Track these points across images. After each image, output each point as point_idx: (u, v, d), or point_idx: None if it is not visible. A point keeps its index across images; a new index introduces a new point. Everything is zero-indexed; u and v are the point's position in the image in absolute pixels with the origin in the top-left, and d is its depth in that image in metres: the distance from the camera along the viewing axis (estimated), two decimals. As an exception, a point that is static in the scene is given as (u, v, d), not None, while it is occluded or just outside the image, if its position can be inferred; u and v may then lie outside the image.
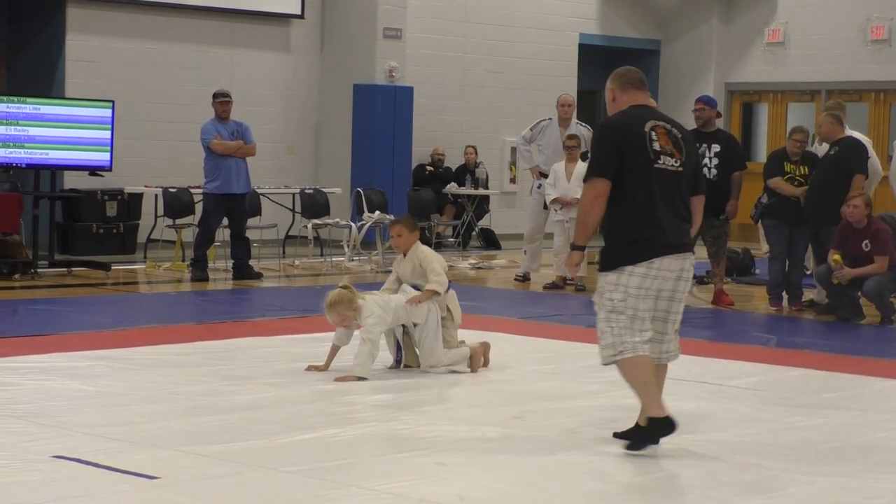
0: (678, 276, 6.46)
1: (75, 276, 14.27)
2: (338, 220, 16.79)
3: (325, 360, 8.67)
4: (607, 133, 6.51)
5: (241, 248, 14.66)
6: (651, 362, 6.42)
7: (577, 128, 14.79)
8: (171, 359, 9.04)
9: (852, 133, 12.99)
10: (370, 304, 8.54)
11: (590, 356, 9.68)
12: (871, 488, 6.03)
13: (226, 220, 14.64)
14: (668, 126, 6.56)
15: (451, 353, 8.86)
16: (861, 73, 21.18)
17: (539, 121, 15.07)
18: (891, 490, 6.00)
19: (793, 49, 21.93)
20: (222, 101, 14.58)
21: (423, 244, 9.04)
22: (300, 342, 9.75)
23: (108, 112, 14.70)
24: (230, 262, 14.79)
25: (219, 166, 14.33)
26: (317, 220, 16.48)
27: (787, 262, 12.81)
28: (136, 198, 16.90)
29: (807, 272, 13.25)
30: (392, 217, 16.41)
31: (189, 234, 15.47)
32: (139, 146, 17.13)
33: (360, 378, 8.38)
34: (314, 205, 16.83)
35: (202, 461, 6.14)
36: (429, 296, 8.77)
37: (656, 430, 6.40)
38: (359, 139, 18.75)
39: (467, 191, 19.62)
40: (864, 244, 11.88)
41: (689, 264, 6.51)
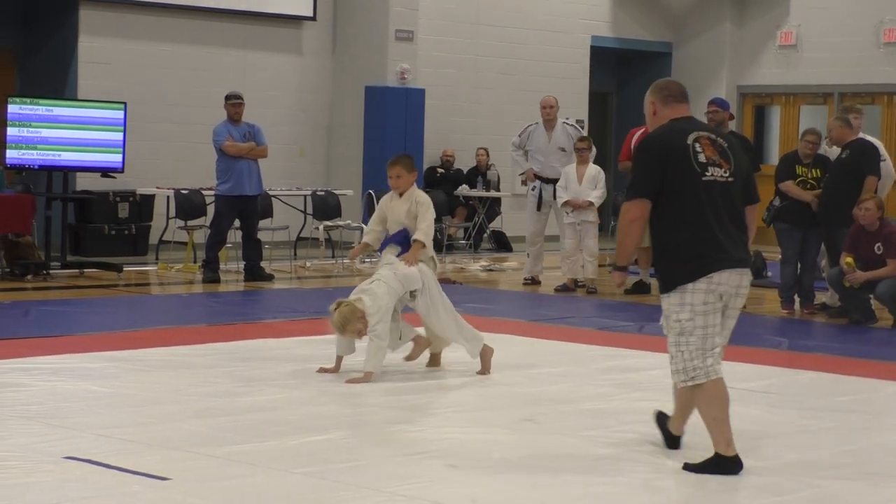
0: (736, 293, 6.29)
1: (87, 278, 14.29)
2: (349, 221, 16.79)
3: (334, 363, 8.66)
4: (646, 151, 6.29)
5: (252, 250, 14.67)
6: (724, 387, 6.21)
7: (563, 127, 14.80)
8: (182, 360, 9.05)
9: (864, 136, 12.97)
10: (368, 302, 8.45)
11: (601, 358, 9.70)
12: (880, 494, 6.02)
13: (237, 222, 14.66)
14: (712, 136, 6.33)
15: (466, 329, 8.73)
16: (874, 76, 21.14)
17: (527, 126, 15.11)
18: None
19: (805, 52, 21.89)
20: (234, 102, 14.59)
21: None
22: (312, 344, 9.75)
23: (120, 114, 14.73)
24: (242, 264, 14.80)
25: (231, 168, 14.35)
26: (328, 222, 16.49)
27: (799, 265, 12.79)
28: (148, 199, 16.93)
29: (822, 274, 13.23)
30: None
31: (201, 236, 15.49)
32: (151, 148, 17.15)
33: (368, 373, 8.35)
34: (325, 206, 16.84)
35: (214, 462, 6.14)
36: (417, 249, 8.64)
37: (721, 467, 6.17)
38: (370, 141, 18.75)
39: (479, 193, 19.61)
40: (876, 247, 11.85)
41: (747, 280, 6.33)
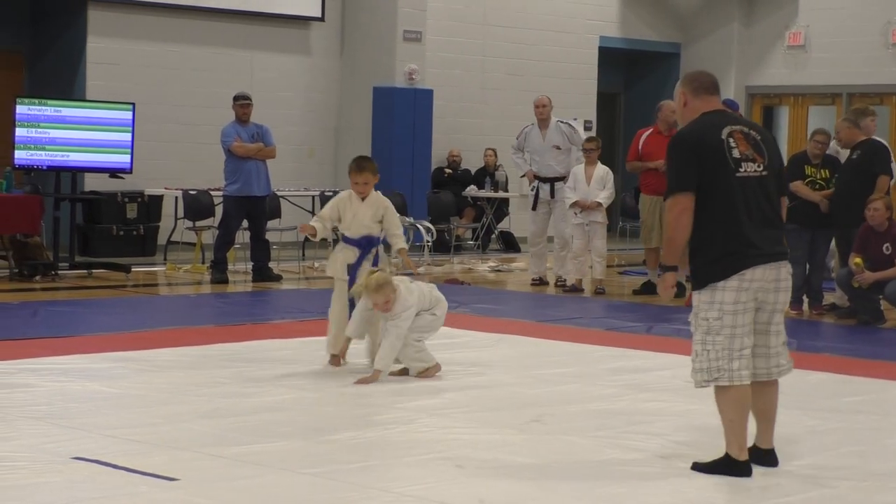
0: (776, 287, 6.16)
1: (95, 278, 14.31)
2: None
3: (340, 347, 8.71)
4: (681, 146, 6.19)
5: (260, 251, 14.68)
6: (748, 394, 6.13)
7: (557, 126, 14.81)
8: (190, 361, 9.05)
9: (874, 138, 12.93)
10: (405, 293, 8.45)
11: (608, 359, 9.69)
12: (888, 496, 6.01)
13: (246, 223, 14.67)
14: (745, 129, 6.24)
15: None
16: (882, 77, 21.11)
17: (523, 128, 15.15)
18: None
19: (814, 52, 21.87)
20: (243, 103, 14.61)
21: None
22: (320, 344, 9.73)
23: (128, 114, 14.75)
24: (250, 265, 14.81)
25: (239, 169, 14.36)
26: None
27: (807, 266, 12.77)
28: (157, 200, 16.95)
29: (831, 275, 13.21)
30: (411, 220, 16.45)
31: (209, 237, 15.51)
32: (159, 148, 17.17)
33: (377, 371, 8.37)
34: (334, 207, 16.82)
35: (222, 463, 6.14)
36: (406, 255, 8.91)
37: (730, 469, 6.13)
38: (378, 142, 18.76)
39: (487, 193, 19.61)
40: (885, 247, 11.83)
41: (786, 272, 6.21)
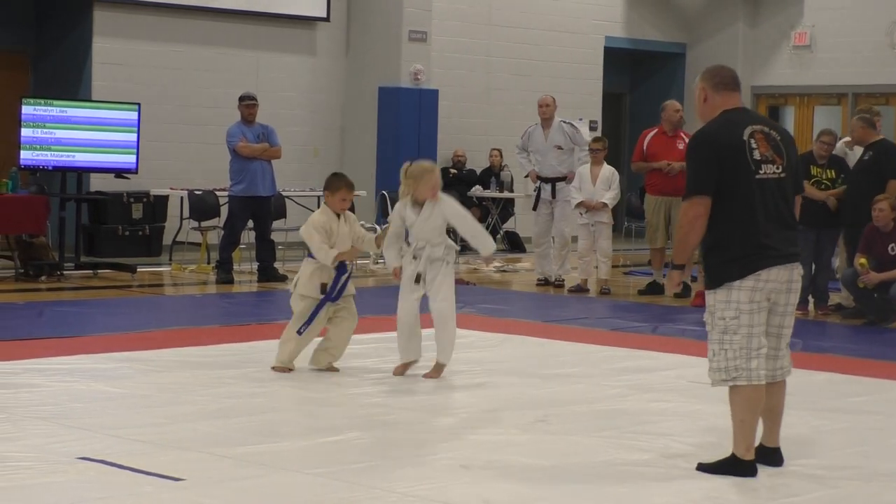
0: (788, 289, 6.16)
1: (101, 279, 14.32)
2: (362, 222, 16.73)
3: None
4: (703, 147, 6.14)
5: (266, 251, 14.68)
6: (762, 395, 6.13)
7: (560, 126, 14.78)
8: (196, 361, 9.05)
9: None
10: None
11: (614, 359, 9.69)
12: (893, 496, 6.02)
13: (251, 223, 14.67)
14: (766, 129, 6.21)
15: None
16: (888, 77, 21.09)
17: (527, 128, 15.13)
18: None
19: (819, 52, 21.85)
20: (248, 104, 14.61)
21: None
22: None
23: (134, 115, 14.75)
24: (255, 265, 14.82)
25: (244, 169, 14.36)
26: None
27: (813, 266, 12.75)
28: (162, 200, 16.96)
29: (836, 275, 13.20)
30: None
31: (214, 237, 15.52)
32: (165, 149, 17.18)
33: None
34: (339, 207, 16.83)
35: (227, 463, 6.15)
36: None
37: (736, 469, 6.12)
38: (384, 142, 18.76)
39: (492, 194, 19.61)
40: (890, 247, 11.82)
41: (798, 274, 6.20)
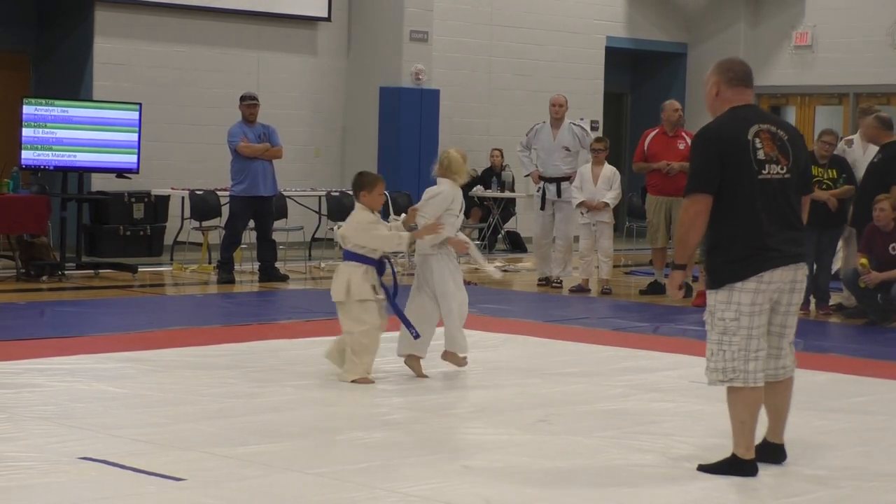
0: (791, 289, 6.12)
1: (102, 279, 14.32)
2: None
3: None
4: (707, 144, 6.10)
5: (267, 251, 14.68)
6: (760, 396, 6.12)
7: (570, 127, 14.75)
8: (197, 361, 9.05)
9: None
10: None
11: (615, 359, 9.69)
12: (894, 497, 6.02)
13: (252, 223, 14.67)
14: (773, 129, 6.13)
15: None
16: (889, 76, 21.08)
17: (534, 125, 15.06)
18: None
19: (820, 52, 21.84)
20: (249, 103, 14.61)
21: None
22: (326, 344, 9.74)
23: (135, 115, 14.75)
24: (256, 265, 14.82)
25: (245, 169, 14.36)
26: (343, 223, 16.46)
27: (814, 266, 12.75)
28: (163, 200, 16.96)
29: (839, 275, 13.20)
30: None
31: (215, 237, 15.52)
32: (166, 148, 17.18)
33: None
34: (340, 207, 16.83)
35: (228, 463, 6.15)
36: None
37: (736, 469, 6.12)
38: (385, 142, 18.76)
39: (493, 193, 19.60)
40: (890, 247, 11.82)
41: (802, 274, 6.16)
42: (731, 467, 6.14)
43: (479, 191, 19.53)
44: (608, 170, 14.34)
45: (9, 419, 6.98)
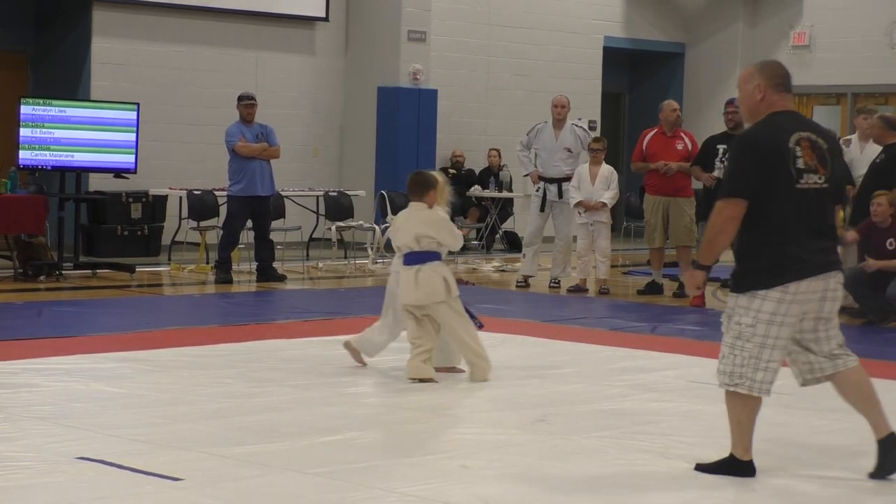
0: (822, 297, 6.00)
1: (100, 278, 14.32)
2: (361, 222, 16.79)
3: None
4: (748, 149, 6.00)
5: (264, 251, 14.68)
6: (760, 401, 6.06)
7: (572, 128, 14.72)
8: (195, 361, 9.05)
9: None
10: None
11: (613, 359, 9.68)
12: (894, 496, 6.01)
13: (250, 223, 14.67)
14: (813, 137, 6.02)
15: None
16: (887, 76, 21.09)
17: (535, 125, 15.02)
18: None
19: (818, 52, 21.86)
20: (247, 103, 14.60)
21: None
22: (324, 344, 9.75)
23: (133, 114, 14.75)
24: (254, 265, 14.81)
25: (243, 169, 14.36)
26: (341, 223, 16.50)
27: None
28: (161, 200, 16.96)
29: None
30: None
31: (213, 237, 15.51)
32: (164, 148, 17.18)
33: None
34: (338, 207, 16.85)
35: (226, 463, 6.14)
36: None
37: (734, 469, 6.10)
38: (383, 142, 18.77)
39: (491, 193, 19.60)
40: (888, 242, 11.81)
41: (835, 283, 6.03)
42: (729, 468, 6.12)
43: (476, 190, 19.53)
44: (606, 170, 14.33)
45: (6, 419, 6.97)
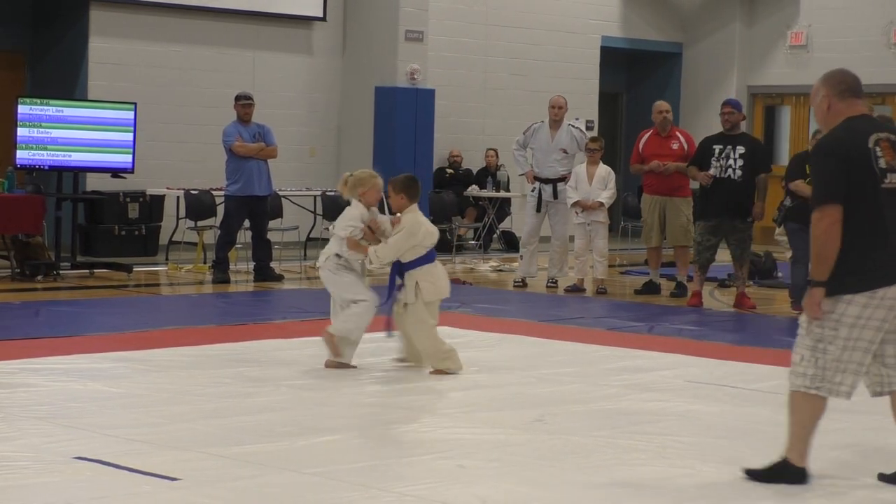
0: None
1: (97, 278, 14.31)
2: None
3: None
4: (829, 155, 5.93)
5: (262, 250, 14.67)
6: (824, 407, 5.99)
7: (569, 129, 14.69)
8: (192, 360, 9.05)
9: None
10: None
11: (610, 359, 9.69)
12: (890, 495, 6.00)
13: (247, 223, 14.67)
14: (892, 137, 5.98)
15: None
16: (884, 76, 21.09)
17: (531, 124, 14.99)
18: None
19: (816, 52, 21.86)
20: (244, 103, 14.60)
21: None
22: (321, 345, 9.74)
23: (130, 114, 14.74)
24: (251, 264, 14.81)
25: (240, 168, 14.35)
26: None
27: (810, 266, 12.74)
28: (158, 200, 16.95)
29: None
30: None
31: (210, 236, 15.51)
32: (161, 148, 17.17)
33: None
34: (336, 207, 16.81)
35: (224, 463, 6.14)
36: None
37: (786, 475, 6.00)
38: (380, 142, 18.76)
39: (488, 193, 19.61)
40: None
41: None
42: (782, 473, 6.01)
43: (474, 190, 19.54)
44: (603, 169, 14.34)
45: (4, 419, 6.97)
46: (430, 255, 8.80)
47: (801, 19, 22.10)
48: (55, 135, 14.14)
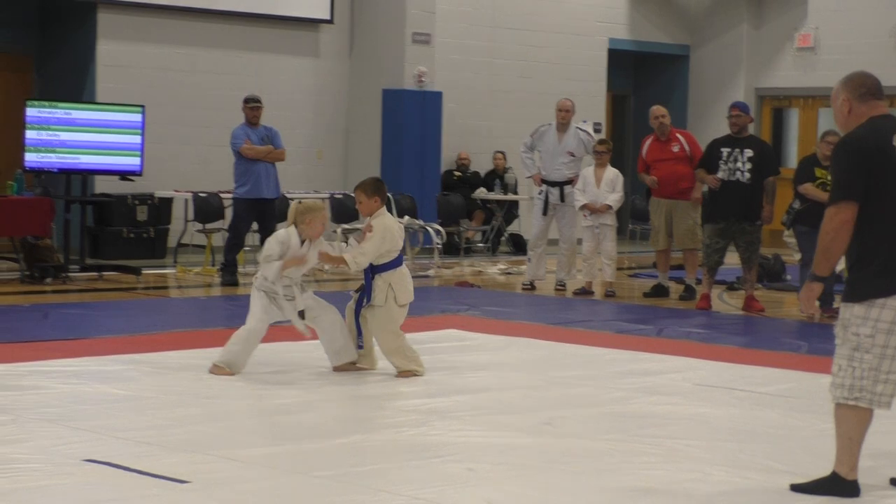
0: None
1: (106, 281, 14.33)
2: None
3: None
4: (851, 153, 5.86)
5: (270, 253, 14.66)
6: (872, 416, 5.88)
7: (576, 132, 14.67)
8: (201, 363, 9.04)
9: None
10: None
11: (619, 362, 9.68)
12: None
13: (255, 225, 14.67)
14: None
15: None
16: (891, 78, 20.91)
17: (539, 126, 14.97)
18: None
19: (823, 54, 21.85)
20: (253, 106, 14.61)
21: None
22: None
23: (138, 117, 14.76)
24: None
25: (248, 171, 14.36)
26: (346, 225, 16.50)
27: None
28: (167, 202, 16.97)
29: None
30: (421, 222, 16.47)
31: (219, 239, 15.53)
32: (169, 151, 17.19)
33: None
34: (343, 210, 16.86)
35: (233, 465, 6.15)
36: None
37: (837, 489, 5.90)
38: (388, 144, 18.77)
39: (496, 196, 19.61)
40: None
41: None
42: (832, 487, 5.91)
43: (482, 193, 19.55)
44: (611, 172, 14.34)
45: (13, 421, 6.99)
46: (400, 259, 8.84)
47: (808, 21, 22.09)
48: (63, 137, 14.17)
